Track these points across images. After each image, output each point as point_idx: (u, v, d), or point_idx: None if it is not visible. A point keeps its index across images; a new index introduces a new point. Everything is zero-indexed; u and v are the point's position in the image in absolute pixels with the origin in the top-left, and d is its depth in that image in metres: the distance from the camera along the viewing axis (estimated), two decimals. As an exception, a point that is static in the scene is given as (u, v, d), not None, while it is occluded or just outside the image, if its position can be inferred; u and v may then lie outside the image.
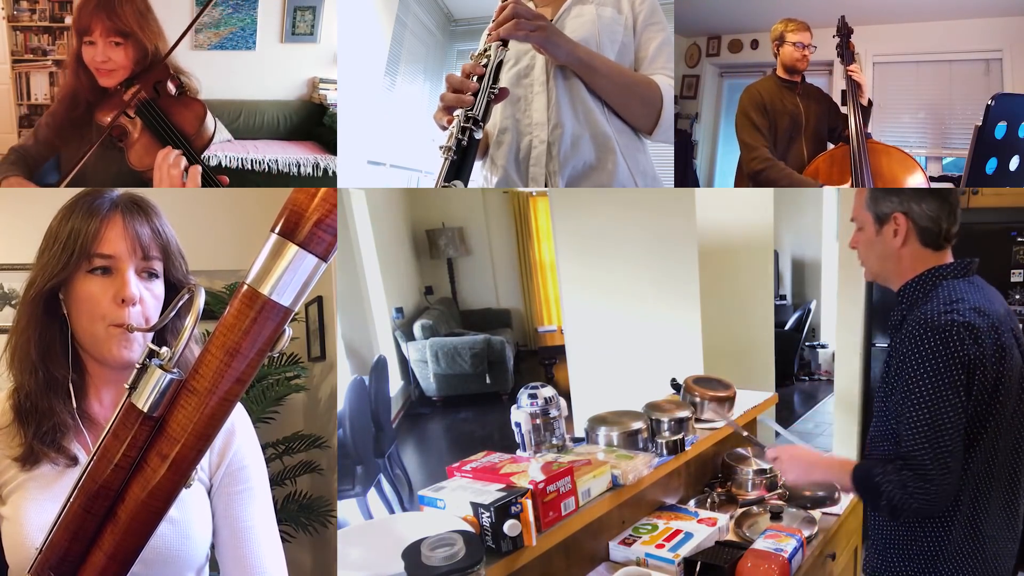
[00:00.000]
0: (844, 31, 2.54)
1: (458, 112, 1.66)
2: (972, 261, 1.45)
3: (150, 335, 1.08)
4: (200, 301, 0.85)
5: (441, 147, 1.66)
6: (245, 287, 0.76)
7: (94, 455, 0.82)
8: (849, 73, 2.49)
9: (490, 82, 1.66)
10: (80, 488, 0.82)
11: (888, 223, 1.44)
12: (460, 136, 1.64)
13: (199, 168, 1.95)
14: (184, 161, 1.95)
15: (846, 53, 2.53)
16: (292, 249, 0.74)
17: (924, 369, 1.31)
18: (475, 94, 1.65)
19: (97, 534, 0.83)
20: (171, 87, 2.03)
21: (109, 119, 1.97)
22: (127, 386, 0.81)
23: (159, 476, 0.80)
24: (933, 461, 1.30)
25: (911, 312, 1.39)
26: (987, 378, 1.32)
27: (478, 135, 1.65)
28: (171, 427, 0.80)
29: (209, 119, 2.05)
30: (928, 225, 1.42)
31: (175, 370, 0.81)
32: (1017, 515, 1.45)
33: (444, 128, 1.71)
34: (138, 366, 0.80)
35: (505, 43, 1.69)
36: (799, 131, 2.61)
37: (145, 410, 0.79)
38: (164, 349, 0.81)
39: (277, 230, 0.75)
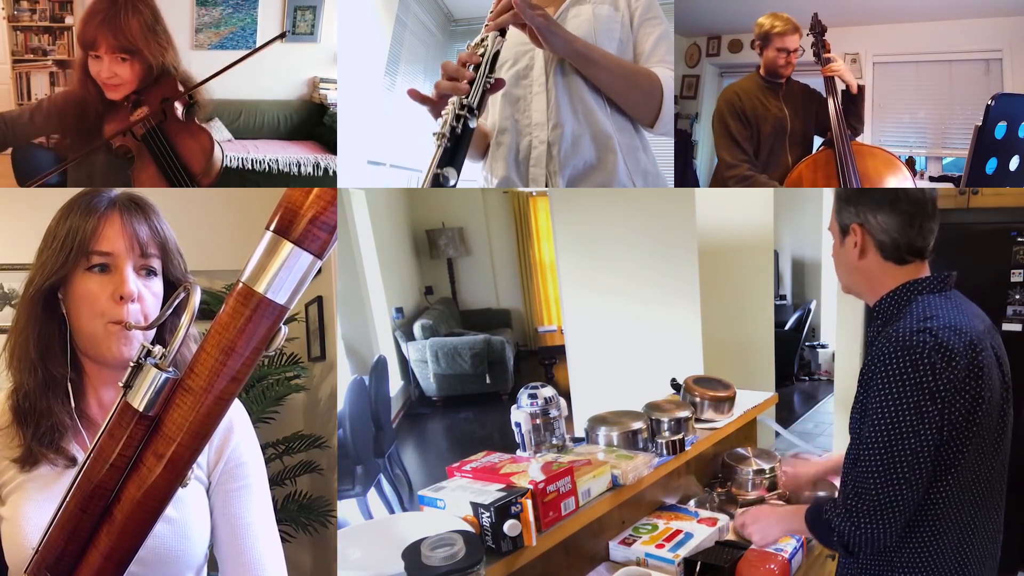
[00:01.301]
0: (818, 28, 2.43)
1: (453, 99, 1.64)
2: (949, 275, 1.36)
3: (149, 333, 1.09)
4: (196, 299, 0.84)
5: (435, 133, 1.63)
6: (240, 285, 0.76)
7: (89, 454, 0.82)
8: (825, 73, 2.39)
9: (486, 71, 1.64)
10: (76, 488, 0.82)
11: (849, 235, 1.38)
12: (455, 123, 1.62)
13: None
14: None
15: (821, 53, 2.43)
16: (287, 247, 0.74)
17: (889, 390, 1.23)
18: (471, 83, 1.63)
19: (93, 534, 0.82)
20: (179, 108, 1.99)
21: (116, 136, 1.94)
22: (122, 384, 0.80)
23: (155, 475, 0.79)
24: (885, 489, 1.24)
25: (884, 328, 1.33)
26: (963, 401, 1.24)
27: (472, 124, 1.63)
28: (167, 426, 0.79)
29: (216, 154, 2.01)
30: (884, 239, 1.34)
31: (171, 369, 0.80)
32: (999, 533, 1.40)
33: (437, 117, 1.69)
34: (133, 365, 0.80)
35: (503, 33, 1.67)
36: (783, 137, 2.49)
37: (140, 409, 0.79)
38: (158, 347, 0.81)
39: (272, 227, 0.74)
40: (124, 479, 0.81)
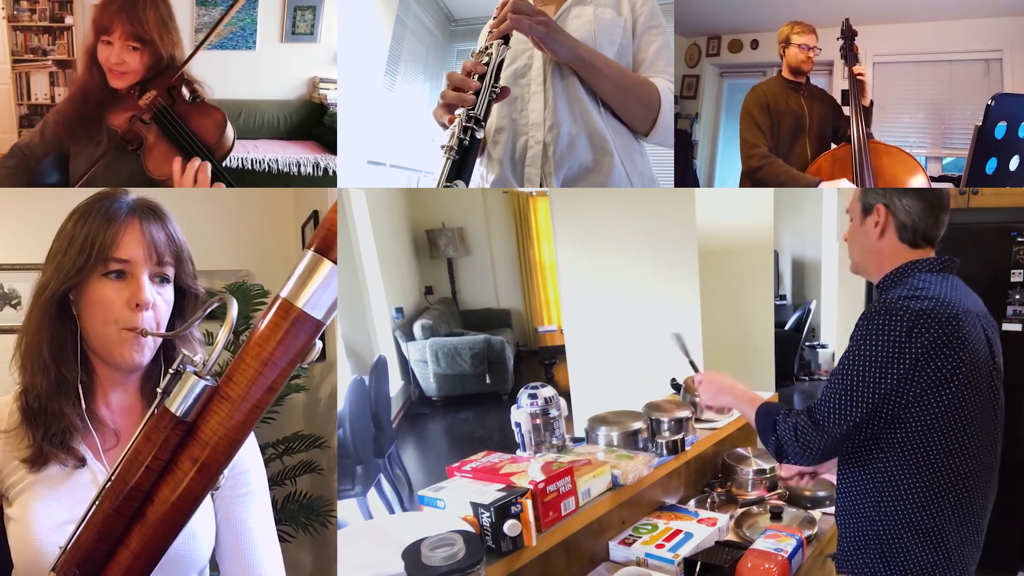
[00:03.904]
0: (849, 33, 2.57)
1: (460, 111, 1.65)
2: (952, 260, 1.46)
3: (159, 339, 1.11)
4: (233, 312, 0.88)
5: (443, 147, 1.65)
6: (280, 300, 0.80)
7: (124, 457, 0.85)
8: (856, 75, 2.51)
9: (492, 81, 1.65)
10: (109, 489, 0.85)
11: (871, 214, 1.48)
12: (462, 136, 1.63)
13: (221, 184, 1.95)
14: (209, 170, 1.93)
15: (849, 55, 2.55)
16: (327, 266, 0.79)
17: (865, 343, 1.34)
18: (476, 93, 1.64)
19: (123, 534, 0.85)
20: (185, 93, 2.02)
21: (122, 123, 1.95)
22: (160, 391, 0.84)
23: (188, 479, 0.83)
24: (833, 422, 1.36)
25: (880, 296, 1.43)
26: (939, 368, 1.31)
27: (479, 134, 1.65)
28: (203, 432, 0.83)
29: (229, 128, 2.03)
30: (905, 220, 1.45)
31: (208, 377, 0.84)
32: (982, 519, 1.44)
33: (444, 126, 1.70)
34: (171, 372, 0.84)
35: (506, 41, 1.68)
36: (802, 131, 2.63)
37: (178, 415, 0.83)
38: (199, 356, 0.86)
39: (314, 247, 0.80)
40: (158, 482, 0.84)
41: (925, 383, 1.32)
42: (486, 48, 1.67)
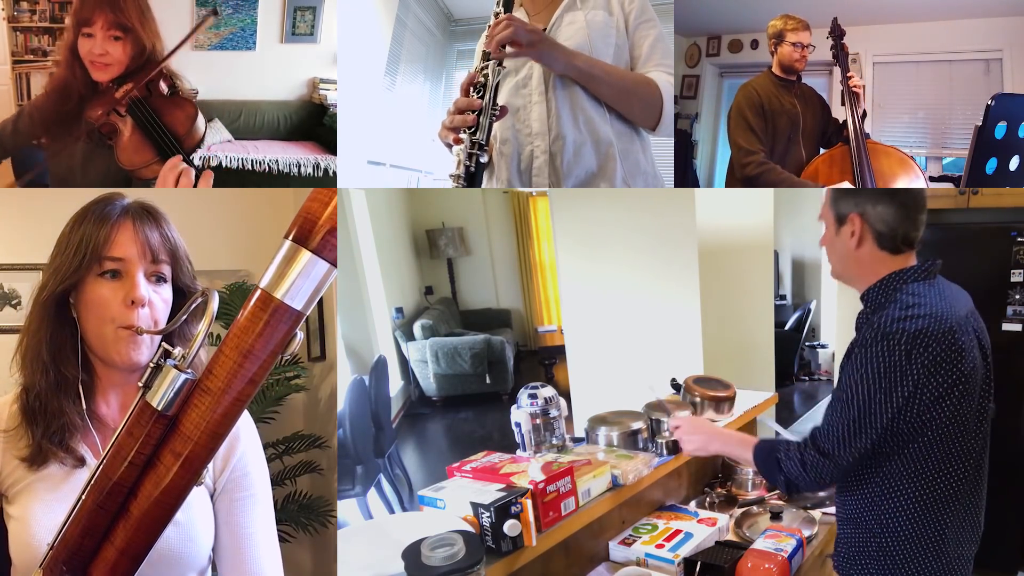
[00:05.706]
0: (837, 32, 2.51)
1: (464, 135, 1.68)
2: (934, 263, 1.43)
3: (158, 338, 1.10)
4: (214, 305, 0.86)
5: (451, 175, 1.69)
6: (259, 291, 0.78)
7: (107, 452, 0.84)
8: (851, 85, 2.47)
9: (491, 102, 1.68)
10: (93, 484, 0.84)
11: (846, 224, 1.43)
12: (468, 163, 1.67)
13: (210, 174, 1.95)
14: (192, 173, 1.94)
15: (841, 55, 2.50)
16: (305, 255, 0.77)
17: (866, 371, 1.32)
18: (479, 117, 1.67)
19: (109, 530, 0.84)
20: (163, 87, 2.03)
21: (99, 116, 1.97)
22: (141, 385, 0.83)
23: (172, 473, 0.82)
24: (843, 450, 1.36)
25: (872, 316, 1.40)
26: (937, 382, 1.31)
27: (484, 159, 1.68)
28: (184, 426, 0.82)
29: (200, 120, 2.06)
30: (883, 229, 1.40)
31: (189, 370, 0.83)
32: (979, 517, 1.46)
33: (449, 147, 1.74)
34: (152, 366, 0.82)
35: (500, 62, 1.71)
36: (797, 132, 2.56)
37: (159, 408, 0.82)
38: (178, 350, 0.84)
39: (291, 237, 0.78)
40: (141, 476, 0.83)
41: (928, 399, 1.32)
42: (481, 69, 1.70)
